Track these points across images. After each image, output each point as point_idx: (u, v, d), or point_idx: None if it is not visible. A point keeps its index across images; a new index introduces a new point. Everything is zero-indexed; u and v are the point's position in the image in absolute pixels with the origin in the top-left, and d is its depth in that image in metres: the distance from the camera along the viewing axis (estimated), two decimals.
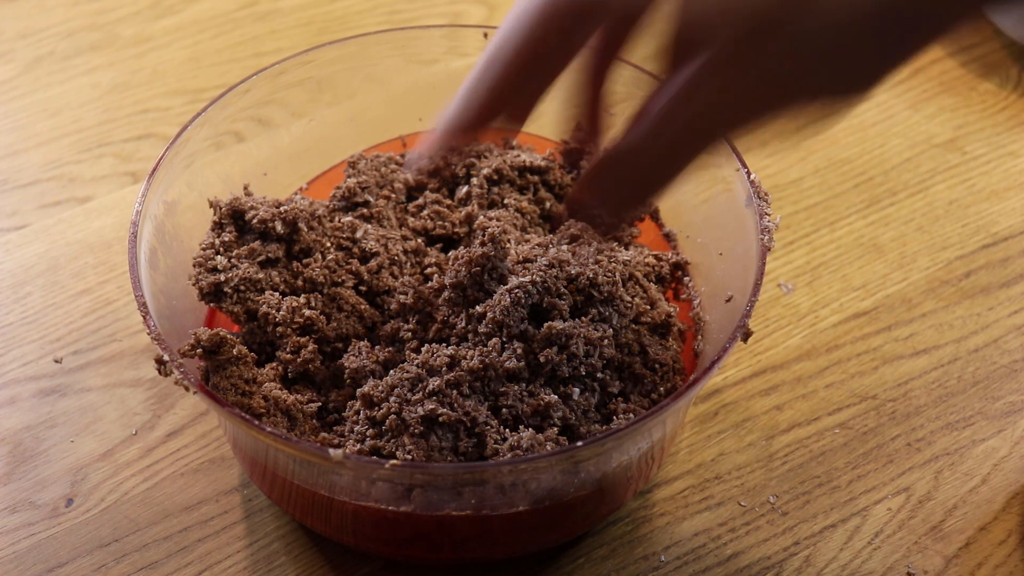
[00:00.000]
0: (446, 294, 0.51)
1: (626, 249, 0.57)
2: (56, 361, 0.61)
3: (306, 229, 0.53)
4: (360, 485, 0.46)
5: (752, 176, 0.51)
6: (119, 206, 0.70)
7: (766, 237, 0.49)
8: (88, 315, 0.64)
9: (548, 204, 0.59)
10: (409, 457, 0.47)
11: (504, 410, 0.48)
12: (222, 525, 0.55)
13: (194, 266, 0.52)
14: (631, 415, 0.49)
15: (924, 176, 0.73)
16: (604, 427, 0.48)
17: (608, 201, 0.41)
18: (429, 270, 0.56)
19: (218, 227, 0.53)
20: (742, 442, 0.58)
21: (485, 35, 0.61)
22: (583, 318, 0.51)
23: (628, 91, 0.60)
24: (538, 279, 0.50)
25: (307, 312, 0.51)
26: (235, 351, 0.48)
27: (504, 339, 0.49)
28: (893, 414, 0.59)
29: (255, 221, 0.52)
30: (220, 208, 0.53)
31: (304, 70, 0.60)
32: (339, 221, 0.56)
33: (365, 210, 0.57)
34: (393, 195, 0.59)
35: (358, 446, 0.48)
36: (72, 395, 0.60)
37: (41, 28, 0.83)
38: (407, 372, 0.48)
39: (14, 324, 0.64)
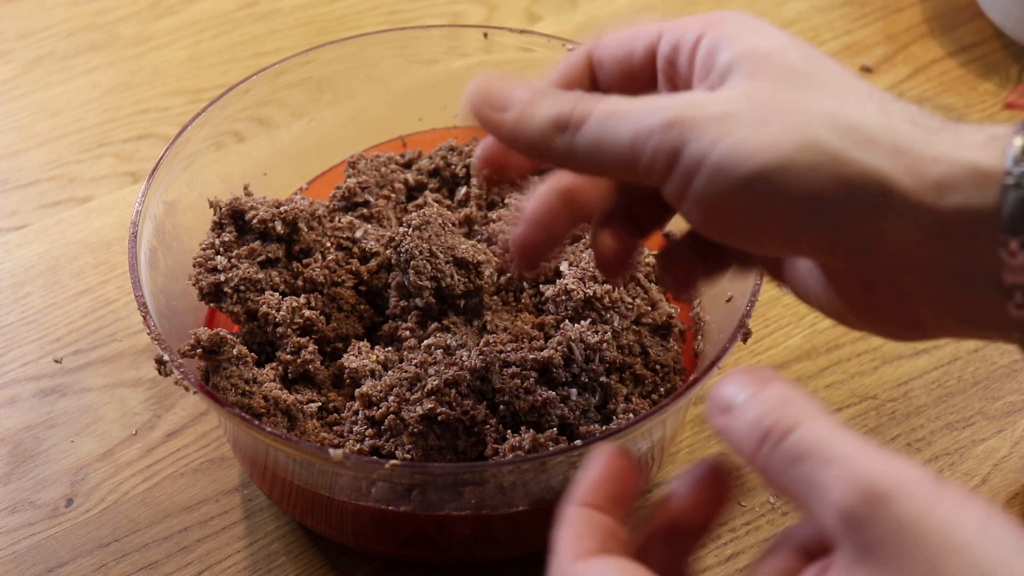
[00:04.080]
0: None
1: None
2: (56, 361, 0.61)
3: (306, 229, 0.53)
4: (360, 485, 0.46)
5: None
6: (119, 206, 0.70)
7: None
8: (88, 315, 0.64)
9: None
10: (408, 456, 0.47)
11: (501, 407, 0.48)
12: (222, 525, 0.55)
13: (194, 266, 0.52)
14: (631, 415, 0.49)
15: None
16: (604, 427, 0.48)
17: None
18: None
19: (218, 227, 0.53)
20: None
21: (485, 35, 0.61)
22: (583, 322, 0.51)
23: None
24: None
25: (307, 312, 0.51)
26: (235, 351, 0.48)
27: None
28: (893, 414, 0.59)
29: (255, 221, 0.52)
30: (220, 208, 0.53)
31: (304, 70, 0.60)
32: (339, 221, 0.56)
33: (365, 210, 0.57)
34: (393, 195, 0.59)
35: (358, 446, 0.48)
36: (72, 395, 0.60)
37: (41, 28, 0.83)
38: (405, 372, 0.48)
39: (14, 324, 0.64)
